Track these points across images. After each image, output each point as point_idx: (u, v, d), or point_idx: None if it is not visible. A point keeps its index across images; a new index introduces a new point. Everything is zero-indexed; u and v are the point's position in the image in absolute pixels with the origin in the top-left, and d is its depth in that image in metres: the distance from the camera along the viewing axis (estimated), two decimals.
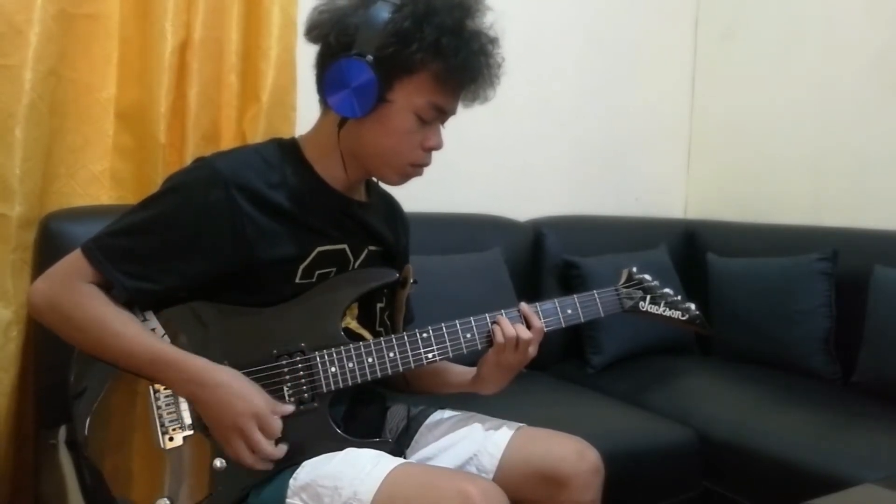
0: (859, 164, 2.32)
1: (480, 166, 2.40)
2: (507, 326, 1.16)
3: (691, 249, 2.56)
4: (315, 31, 1.12)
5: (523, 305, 1.19)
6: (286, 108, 1.82)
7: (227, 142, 1.79)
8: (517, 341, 1.15)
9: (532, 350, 1.17)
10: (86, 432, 1.06)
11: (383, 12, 1.05)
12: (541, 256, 2.31)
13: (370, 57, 1.04)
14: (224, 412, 1.04)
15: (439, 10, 1.05)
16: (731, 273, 2.33)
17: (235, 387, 1.04)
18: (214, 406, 1.04)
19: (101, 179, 1.70)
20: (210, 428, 1.06)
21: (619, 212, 2.63)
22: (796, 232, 2.36)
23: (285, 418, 1.07)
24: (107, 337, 1.05)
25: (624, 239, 2.43)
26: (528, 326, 1.17)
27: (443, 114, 1.12)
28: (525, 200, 2.46)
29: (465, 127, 1.27)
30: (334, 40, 1.08)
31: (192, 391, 1.05)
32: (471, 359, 1.22)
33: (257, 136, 1.76)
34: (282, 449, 1.06)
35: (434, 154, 1.16)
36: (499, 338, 1.15)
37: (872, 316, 1.95)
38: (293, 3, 1.80)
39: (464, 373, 1.27)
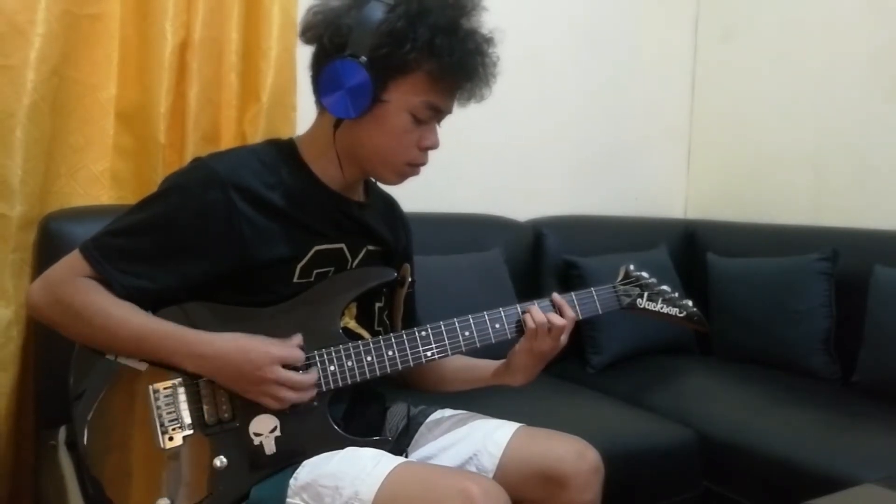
0: (859, 164, 2.32)
1: (481, 166, 2.40)
2: (539, 314, 1.16)
3: (691, 249, 2.56)
4: (309, 33, 1.12)
5: (555, 295, 1.20)
6: (286, 108, 1.82)
7: (228, 142, 1.79)
8: (550, 327, 1.16)
9: (564, 338, 1.18)
10: (85, 433, 1.06)
11: (376, 12, 1.05)
12: (541, 256, 2.32)
13: (364, 58, 1.04)
14: (242, 375, 1.04)
15: (433, 9, 1.05)
16: (731, 273, 2.33)
17: (242, 345, 1.04)
18: (230, 373, 1.05)
19: (102, 179, 1.70)
20: (242, 394, 1.06)
21: (619, 212, 2.63)
22: (796, 232, 2.36)
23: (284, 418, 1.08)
24: (110, 323, 1.05)
25: (624, 239, 2.43)
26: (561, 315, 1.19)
27: (438, 113, 1.12)
28: (525, 200, 2.46)
29: (465, 127, 1.27)
30: (328, 41, 1.08)
31: (202, 365, 1.06)
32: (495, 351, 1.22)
33: (257, 136, 1.77)
34: (313, 373, 1.07)
35: (435, 154, 1.16)
36: (530, 325, 1.16)
37: (872, 316, 1.95)
38: (293, 3, 1.80)
39: (489, 366, 1.27)
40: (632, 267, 1.29)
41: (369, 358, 1.12)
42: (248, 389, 1.06)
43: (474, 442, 1.19)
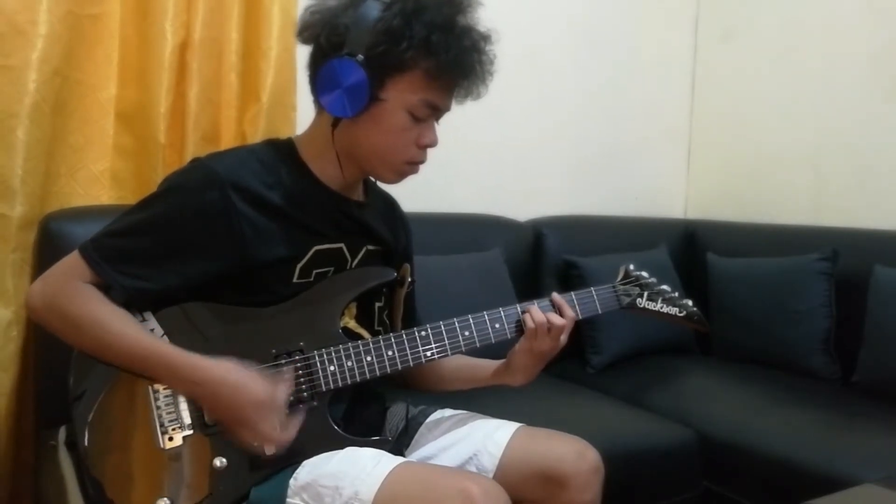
0: (859, 164, 2.32)
1: (481, 166, 2.40)
2: (538, 313, 1.17)
3: (691, 249, 2.56)
4: (307, 32, 1.12)
5: (555, 295, 1.20)
6: (286, 108, 1.82)
7: (228, 142, 1.79)
8: (549, 327, 1.16)
9: (564, 338, 1.18)
10: (85, 434, 1.06)
11: (373, 11, 1.05)
12: (541, 256, 2.32)
13: (361, 56, 1.04)
14: (227, 408, 1.04)
15: (429, 7, 1.05)
16: (731, 273, 2.33)
17: (232, 380, 1.03)
18: (217, 404, 1.04)
19: (102, 179, 1.70)
20: (218, 424, 1.06)
21: (619, 212, 2.63)
22: (796, 232, 2.36)
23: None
24: (106, 336, 1.04)
25: (624, 239, 2.43)
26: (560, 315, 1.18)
27: (436, 111, 1.12)
28: (525, 200, 2.46)
29: (465, 127, 1.27)
30: (325, 41, 1.08)
31: (192, 390, 1.06)
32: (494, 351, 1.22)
33: (257, 136, 1.76)
34: (291, 431, 1.05)
35: (435, 154, 1.16)
36: (530, 324, 1.16)
37: (872, 316, 1.95)
38: (293, 2, 1.80)
39: (489, 366, 1.27)
40: (631, 267, 1.29)
41: (369, 358, 1.12)
42: (228, 424, 1.05)
43: (474, 442, 1.19)
